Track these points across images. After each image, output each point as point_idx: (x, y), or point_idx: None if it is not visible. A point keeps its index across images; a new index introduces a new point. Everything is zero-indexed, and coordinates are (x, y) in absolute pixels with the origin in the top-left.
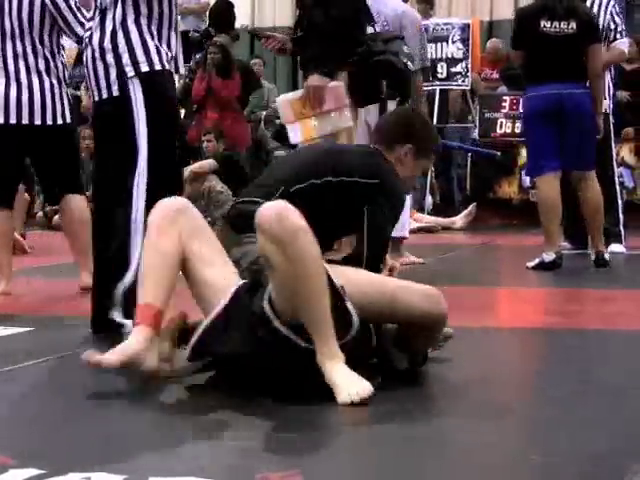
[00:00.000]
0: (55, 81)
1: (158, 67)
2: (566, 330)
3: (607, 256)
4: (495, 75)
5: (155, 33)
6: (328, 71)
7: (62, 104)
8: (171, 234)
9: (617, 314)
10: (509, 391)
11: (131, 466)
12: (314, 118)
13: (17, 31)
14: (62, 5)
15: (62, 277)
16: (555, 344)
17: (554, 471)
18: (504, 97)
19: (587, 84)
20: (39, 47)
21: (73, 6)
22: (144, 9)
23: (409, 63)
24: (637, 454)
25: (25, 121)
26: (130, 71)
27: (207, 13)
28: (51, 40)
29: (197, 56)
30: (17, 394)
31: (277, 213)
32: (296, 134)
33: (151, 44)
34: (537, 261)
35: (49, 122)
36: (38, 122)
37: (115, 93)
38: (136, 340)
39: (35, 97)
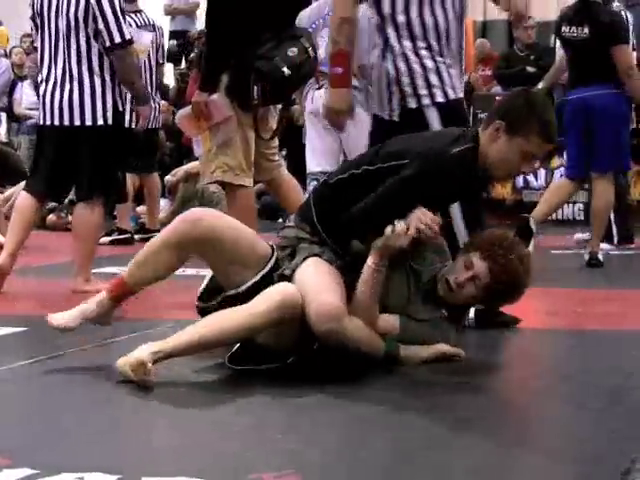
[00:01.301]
0: (99, 82)
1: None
2: (564, 330)
3: (601, 257)
4: (488, 72)
5: (441, 59)
6: (206, 83)
7: (104, 105)
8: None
9: (616, 314)
10: (507, 391)
11: (124, 466)
12: (208, 131)
13: (65, 31)
14: (106, 7)
15: (56, 277)
16: (553, 344)
17: (554, 471)
18: (498, 97)
19: (615, 84)
20: (84, 48)
21: (118, 10)
22: (423, 41)
23: (284, 69)
24: (637, 454)
25: (66, 122)
26: (425, 98)
27: (199, 13)
28: (97, 41)
29: (192, 55)
30: (10, 394)
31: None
32: (199, 146)
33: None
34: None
35: (88, 123)
36: (77, 123)
37: (395, 118)
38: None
39: (74, 98)
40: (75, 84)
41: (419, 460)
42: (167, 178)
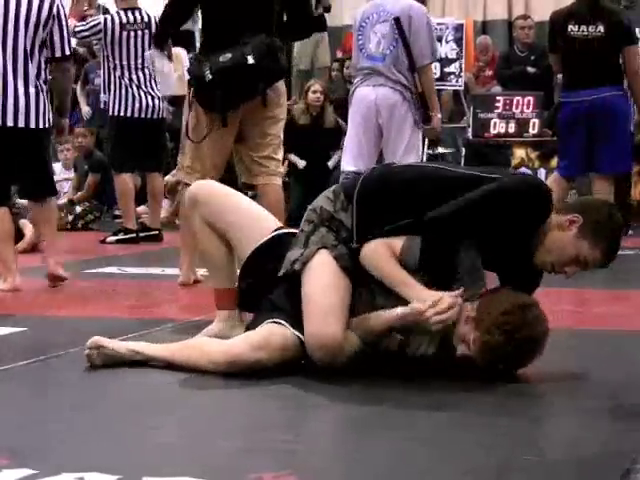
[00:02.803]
0: (41, 86)
1: None
2: (564, 330)
3: None
4: (489, 72)
5: None
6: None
7: (44, 108)
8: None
9: (616, 314)
10: (507, 391)
11: (125, 466)
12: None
13: (13, 34)
14: (63, 19)
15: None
16: (554, 344)
17: (553, 471)
18: (498, 97)
19: (623, 86)
20: (37, 52)
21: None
22: None
23: (206, 73)
24: (637, 454)
25: (10, 123)
26: None
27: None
28: (42, 49)
29: (190, 55)
30: (10, 394)
31: None
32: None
33: None
34: None
35: (32, 125)
36: (22, 125)
37: None
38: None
39: (20, 101)
40: (19, 86)
41: (418, 461)
42: (167, 178)
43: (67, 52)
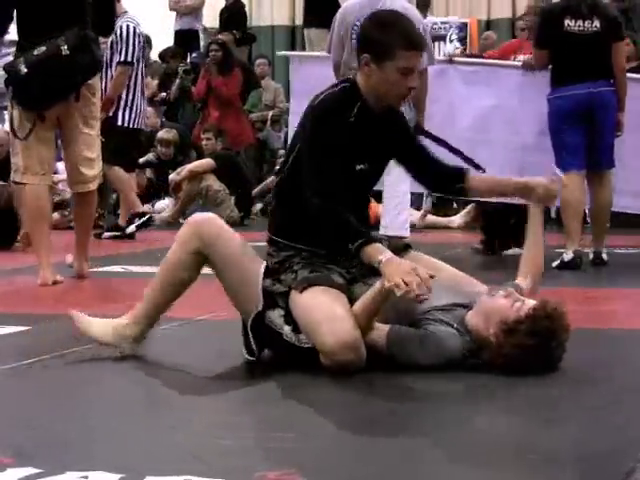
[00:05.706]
0: None
1: None
2: None
3: (605, 256)
4: None
5: None
6: None
7: None
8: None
9: (618, 313)
10: (508, 391)
11: (128, 465)
12: None
13: None
14: None
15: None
16: None
17: (553, 470)
18: None
19: (612, 82)
20: None
21: None
22: None
23: (22, 67)
24: (637, 454)
25: None
26: None
27: (206, 13)
28: None
29: (193, 55)
30: (14, 393)
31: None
32: None
33: None
34: (558, 261)
35: None
36: None
37: None
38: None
39: None
40: None
41: (422, 460)
42: (171, 177)
43: None
